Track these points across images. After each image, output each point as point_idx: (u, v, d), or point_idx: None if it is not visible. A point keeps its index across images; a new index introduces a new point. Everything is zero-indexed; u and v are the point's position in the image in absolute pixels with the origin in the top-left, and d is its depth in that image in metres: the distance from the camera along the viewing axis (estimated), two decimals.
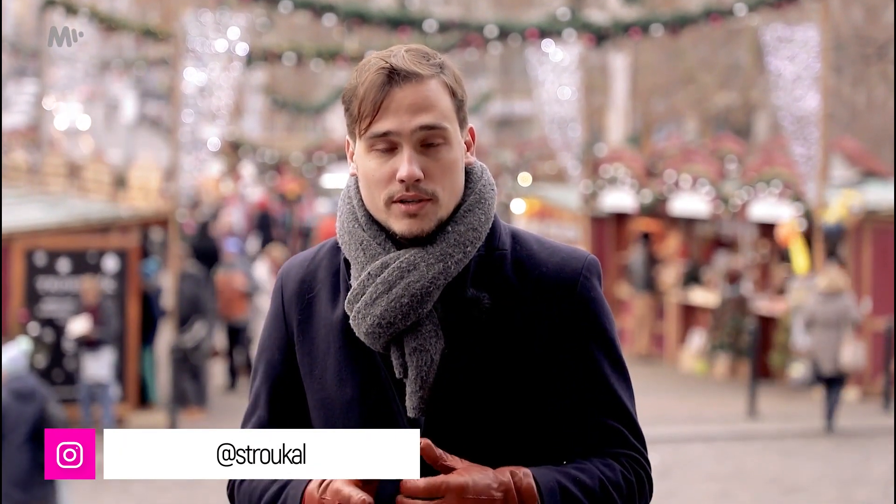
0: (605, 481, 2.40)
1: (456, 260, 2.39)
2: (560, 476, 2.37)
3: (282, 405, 2.53)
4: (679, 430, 15.17)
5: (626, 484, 2.43)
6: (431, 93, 2.40)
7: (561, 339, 2.44)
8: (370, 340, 2.41)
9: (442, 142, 2.40)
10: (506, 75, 43.15)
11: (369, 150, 2.41)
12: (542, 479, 2.34)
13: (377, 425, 2.41)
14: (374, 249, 2.42)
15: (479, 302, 2.41)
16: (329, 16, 18.52)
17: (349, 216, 2.48)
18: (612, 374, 2.47)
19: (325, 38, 30.13)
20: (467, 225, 2.42)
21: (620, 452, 2.45)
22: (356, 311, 2.40)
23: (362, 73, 2.41)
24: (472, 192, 2.46)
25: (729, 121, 33.86)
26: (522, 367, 2.42)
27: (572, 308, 2.44)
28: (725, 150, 21.64)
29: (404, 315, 2.37)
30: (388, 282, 2.38)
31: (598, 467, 2.41)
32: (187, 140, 16.04)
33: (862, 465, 13.59)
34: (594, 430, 2.44)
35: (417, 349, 2.38)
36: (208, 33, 16.08)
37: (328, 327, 2.48)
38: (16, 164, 22.24)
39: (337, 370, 2.46)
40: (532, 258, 2.47)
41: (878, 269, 16.92)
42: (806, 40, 17.34)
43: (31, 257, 14.72)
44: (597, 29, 19.64)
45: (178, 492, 12.20)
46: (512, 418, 2.42)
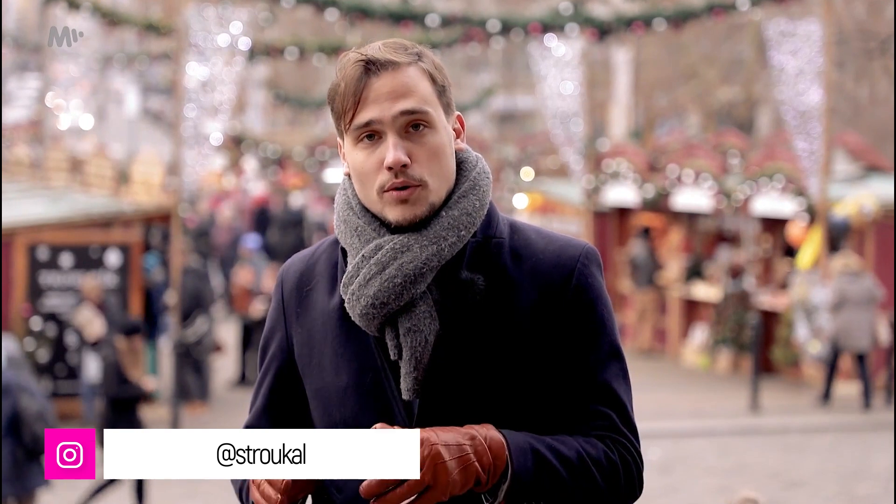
0: (584, 454, 2.38)
1: (450, 243, 2.41)
2: (532, 439, 2.36)
3: (280, 397, 2.56)
4: (681, 424, 15.18)
5: (609, 463, 2.40)
6: (409, 79, 2.41)
7: (555, 325, 2.44)
8: (364, 322, 2.42)
9: (425, 126, 2.41)
10: (508, 70, 43.11)
11: (356, 143, 2.43)
12: (511, 437, 2.34)
13: (372, 410, 2.43)
14: (368, 234, 2.44)
15: (474, 284, 2.42)
16: (331, 10, 18.50)
17: (344, 207, 2.50)
18: (606, 362, 2.46)
19: (327, 33, 30.11)
20: (461, 210, 2.43)
21: (605, 434, 2.43)
22: (350, 293, 2.42)
23: (341, 69, 2.44)
24: (466, 179, 2.48)
25: (731, 115, 33.83)
26: (516, 350, 2.42)
27: (567, 295, 2.45)
28: (728, 144, 21.61)
29: (397, 295, 2.38)
30: (382, 262, 2.40)
31: (577, 441, 2.40)
32: (190, 135, 16.03)
33: (863, 459, 13.59)
34: (582, 414, 2.44)
35: (411, 329, 2.39)
36: (211, 28, 16.07)
37: (325, 316, 2.51)
38: (18, 158, 22.26)
39: (333, 357, 2.48)
40: (529, 246, 2.49)
41: (880, 264, 16.91)
42: (809, 35, 17.32)
43: (34, 252, 14.72)
44: (599, 23, 19.62)
45: (179, 489, 12.21)
46: (505, 401, 2.42)
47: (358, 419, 2.42)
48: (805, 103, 17.27)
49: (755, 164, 18.97)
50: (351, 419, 2.44)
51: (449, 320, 2.42)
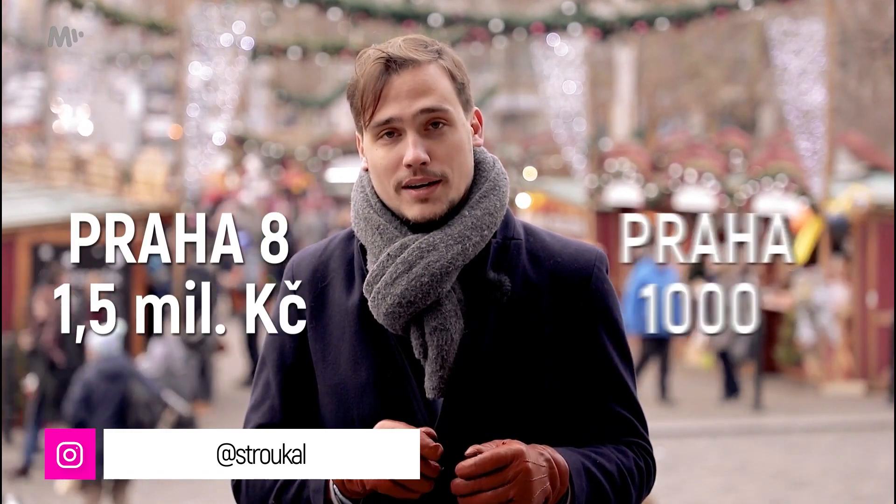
0: (622, 467, 2.45)
1: (473, 242, 2.42)
2: (582, 458, 2.41)
3: (293, 394, 2.55)
4: (685, 424, 15.17)
5: (638, 471, 2.48)
6: (430, 77, 2.43)
7: (575, 327, 2.47)
8: (390, 321, 2.42)
9: (445, 123, 2.43)
10: (511, 70, 43.11)
11: (375, 139, 2.45)
12: (568, 459, 2.38)
13: (393, 408, 2.43)
14: (391, 233, 2.45)
15: (501, 285, 2.45)
16: (334, 10, 18.50)
17: (363, 203, 2.51)
18: (622, 363, 2.51)
19: (330, 33, 30.12)
20: (483, 210, 2.45)
21: (632, 441, 2.50)
22: (375, 291, 2.43)
23: (361, 65, 2.45)
24: (486, 179, 2.50)
25: (734, 115, 33.83)
26: (539, 351, 2.45)
27: (586, 298, 2.49)
28: (731, 144, 21.61)
29: (424, 294, 2.39)
30: (408, 262, 2.40)
31: (614, 454, 2.46)
32: (192, 134, 16.03)
33: (867, 459, 13.58)
34: (607, 417, 2.49)
35: (438, 328, 2.40)
36: (213, 27, 16.08)
37: (343, 313, 2.50)
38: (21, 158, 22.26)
39: (352, 354, 2.48)
40: (546, 249, 2.52)
41: (883, 264, 16.89)
42: (811, 34, 17.30)
43: (37, 251, 14.73)
44: (602, 23, 19.61)
45: (181, 488, 12.22)
46: (528, 401, 2.45)
47: (377, 416, 2.42)
48: (808, 103, 17.26)
49: (758, 163, 18.96)
50: (369, 417, 2.43)
51: (474, 320, 2.43)
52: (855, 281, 16.79)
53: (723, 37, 29.80)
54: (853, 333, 16.81)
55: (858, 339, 16.82)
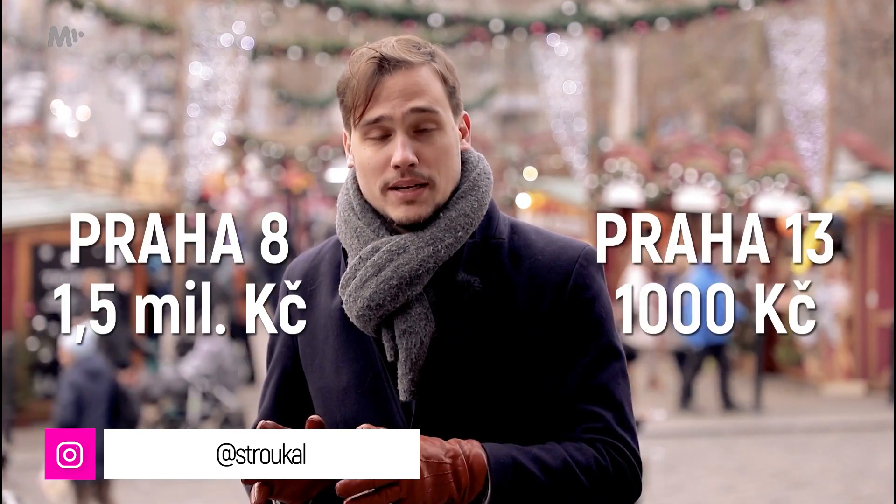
0: (571, 462, 2.36)
1: (446, 244, 2.41)
2: (516, 452, 2.35)
3: (285, 396, 2.58)
4: (685, 424, 15.17)
5: (599, 469, 2.38)
6: (422, 79, 2.43)
7: (552, 325, 2.43)
8: (361, 323, 2.43)
9: (434, 126, 2.42)
10: (511, 70, 43.10)
11: (364, 138, 2.44)
12: (493, 452, 2.33)
13: (372, 410, 2.43)
14: (367, 236, 2.45)
15: (470, 286, 2.42)
16: (334, 10, 18.50)
17: (345, 206, 2.51)
18: (603, 362, 2.44)
19: (330, 33, 30.11)
20: (458, 211, 2.43)
21: (597, 438, 2.41)
22: (347, 294, 2.43)
23: (354, 64, 2.45)
24: (466, 179, 2.48)
25: (734, 115, 33.82)
26: (513, 351, 2.42)
27: (565, 295, 2.44)
28: (731, 144, 21.61)
29: (393, 297, 2.39)
30: (378, 264, 2.41)
31: (565, 449, 2.38)
32: (193, 134, 16.03)
33: (867, 459, 13.58)
34: (574, 415, 2.42)
35: (407, 331, 2.40)
36: (214, 27, 16.08)
37: (327, 317, 2.51)
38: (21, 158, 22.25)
39: (334, 358, 2.49)
40: (529, 247, 2.48)
41: (883, 264, 16.89)
42: (812, 34, 17.31)
43: (37, 252, 14.73)
44: (602, 23, 19.60)
45: (182, 488, 12.22)
46: (501, 402, 2.42)
47: (358, 419, 2.42)
48: (808, 103, 17.26)
49: (758, 163, 18.96)
50: (351, 419, 2.44)
51: (445, 322, 2.42)
52: (855, 281, 16.79)
53: (723, 37, 29.80)
54: (853, 333, 16.81)
55: (858, 339, 16.83)
